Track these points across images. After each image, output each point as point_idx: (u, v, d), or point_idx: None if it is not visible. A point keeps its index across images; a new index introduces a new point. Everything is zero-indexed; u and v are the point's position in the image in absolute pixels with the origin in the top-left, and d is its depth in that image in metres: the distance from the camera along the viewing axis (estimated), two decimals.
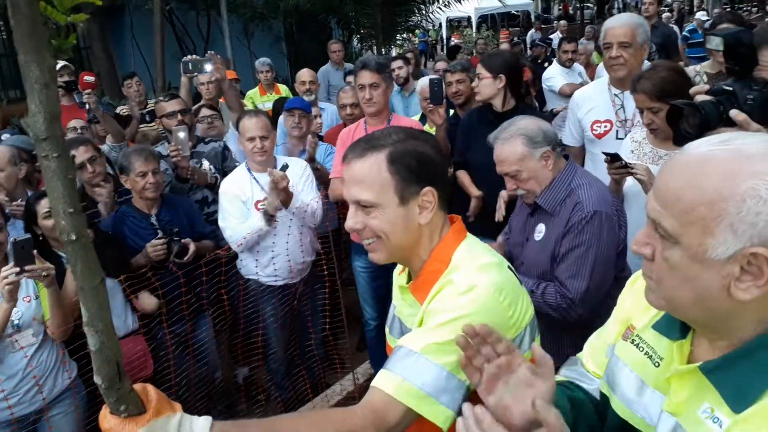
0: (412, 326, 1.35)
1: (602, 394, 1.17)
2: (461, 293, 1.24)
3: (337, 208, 3.65)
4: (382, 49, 9.91)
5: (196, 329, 3.18)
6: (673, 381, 0.98)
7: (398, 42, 11.78)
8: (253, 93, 6.11)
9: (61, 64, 5.25)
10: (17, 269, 2.26)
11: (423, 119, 4.02)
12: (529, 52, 10.77)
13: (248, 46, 11.24)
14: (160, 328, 3.04)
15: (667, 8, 16.16)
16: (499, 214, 2.65)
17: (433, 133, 3.48)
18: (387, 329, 1.55)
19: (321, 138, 4.21)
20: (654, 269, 0.94)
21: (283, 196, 2.98)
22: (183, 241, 3.01)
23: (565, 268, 2.10)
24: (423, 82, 4.02)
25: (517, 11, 20.98)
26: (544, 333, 1.57)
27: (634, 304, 1.16)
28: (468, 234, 1.41)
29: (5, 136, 4.37)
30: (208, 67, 3.89)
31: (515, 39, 12.98)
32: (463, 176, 3.35)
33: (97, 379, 0.95)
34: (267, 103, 5.77)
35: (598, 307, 2.06)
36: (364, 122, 3.31)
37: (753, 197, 0.81)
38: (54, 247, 2.72)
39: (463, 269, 1.30)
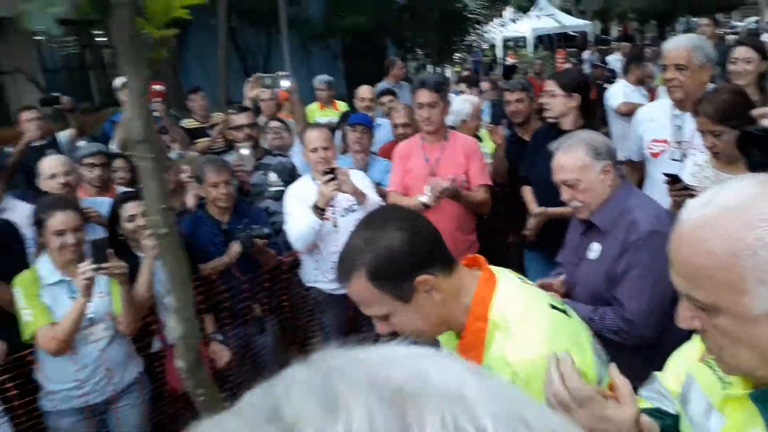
0: None
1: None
2: (526, 381, 1.21)
3: None
4: (436, 68, 10.02)
5: (257, 335, 3.29)
6: (728, 405, 0.99)
7: (455, 61, 11.89)
8: (312, 108, 6.29)
9: (120, 80, 5.57)
10: (94, 266, 2.43)
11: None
12: (587, 72, 10.64)
13: (307, 64, 11.57)
14: (223, 332, 3.16)
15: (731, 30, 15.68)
16: (530, 232, 2.62)
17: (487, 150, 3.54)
18: None
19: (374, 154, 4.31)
20: (710, 340, 0.93)
21: (350, 190, 3.06)
22: (255, 239, 3.11)
23: (623, 289, 2.07)
24: (466, 102, 4.08)
25: (575, 32, 20.76)
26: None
27: None
28: (498, 276, 1.36)
29: (82, 143, 4.66)
30: (285, 83, 4.08)
31: (572, 59, 12.86)
32: (527, 193, 3.37)
33: (179, 363, 1.03)
34: (324, 119, 5.93)
35: (658, 328, 2.04)
36: (420, 138, 3.37)
37: (762, 246, 0.82)
38: (133, 248, 2.89)
39: (514, 338, 1.26)
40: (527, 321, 1.28)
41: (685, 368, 1.20)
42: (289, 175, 3.82)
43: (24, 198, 3.26)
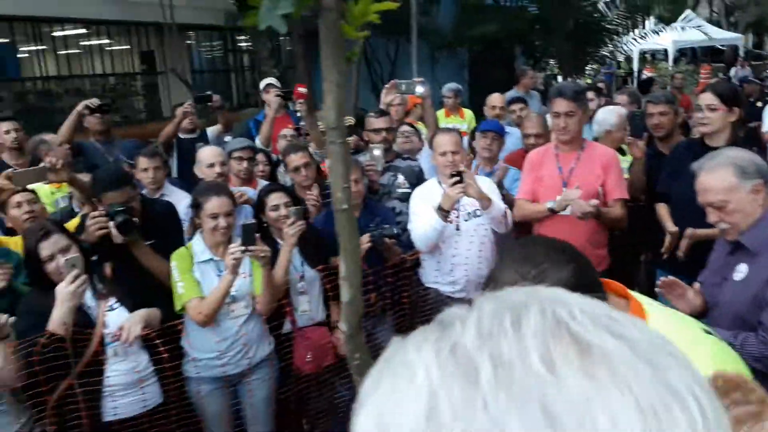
0: None
1: None
2: None
3: (515, 232, 3.69)
4: (568, 79, 9.76)
5: (376, 327, 3.41)
6: None
7: (586, 73, 11.51)
8: (438, 115, 6.38)
9: (267, 81, 5.97)
10: (243, 248, 2.65)
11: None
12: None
13: (432, 72, 11.73)
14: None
15: None
16: (681, 252, 2.50)
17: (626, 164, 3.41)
18: None
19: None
20: None
21: (475, 194, 3.09)
22: (385, 238, 3.26)
23: None
24: (612, 112, 3.95)
25: (723, 45, 19.27)
26: None
27: None
28: (645, 307, 1.30)
29: (227, 138, 5.07)
30: (419, 89, 4.20)
31: (720, 75, 11.98)
32: (662, 210, 3.22)
33: (342, 326, 1.14)
34: (450, 126, 6.00)
35: None
36: (554, 147, 3.33)
37: None
38: (274, 235, 3.12)
39: None
40: (687, 348, 1.23)
41: None
42: (417, 179, 3.92)
43: (178, 184, 3.64)
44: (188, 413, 2.87)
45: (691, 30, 14.56)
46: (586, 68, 11.62)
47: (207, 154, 3.57)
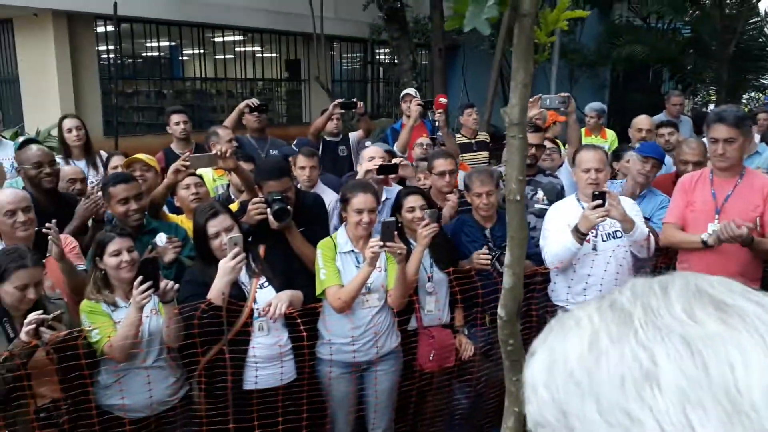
0: None
1: None
2: None
3: (658, 258, 3.54)
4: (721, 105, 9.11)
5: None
6: None
7: (743, 101, 10.65)
8: None
9: (407, 91, 6.16)
10: (381, 243, 2.80)
11: None
12: None
13: (570, 91, 11.44)
14: (470, 327, 3.37)
15: None
16: None
17: None
18: None
19: None
20: None
21: (619, 216, 3.02)
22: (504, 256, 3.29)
23: None
24: None
25: None
26: None
27: None
28: None
29: (367, 143, 5.32)
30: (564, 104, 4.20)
31: None
32: None
33: (500, 312, 1.21)
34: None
35: None
36: (710, 172, 3.16)
37: None
38: (407, 235, 3.25)
39: None
40: None
41: None
42: (557, 196, 3.88)
43: (326, 181, 3.90)
44: (316, 392, 3.05)
45: None
46: (744, 95, 10.75)
47: (370, 152, 3.82)
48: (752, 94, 11.24)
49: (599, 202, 2.98)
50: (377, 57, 16.31)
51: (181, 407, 2.84)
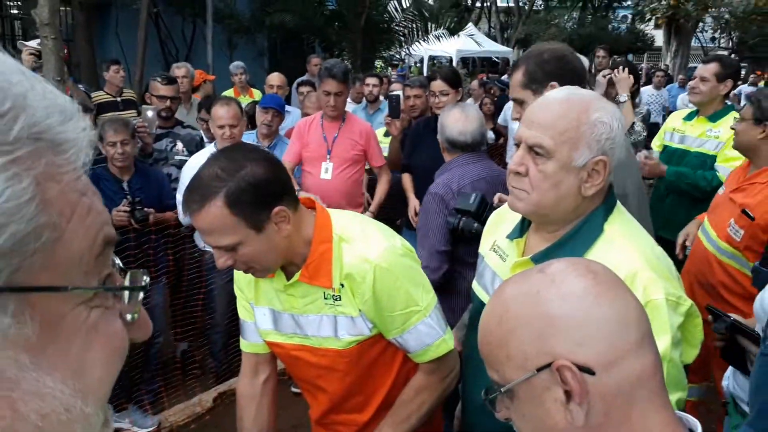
0: (318, 311, 1.46)
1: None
2: (388, 269, 1.41)
3: None
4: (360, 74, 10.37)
5: (151, 293, 3.36)
6: (513, 270, 1.31)
7: (376, 69, 12.25)
8: (228, 94, 6.39)
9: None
10: None
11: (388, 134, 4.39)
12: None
13: (230, 57, 11.56)
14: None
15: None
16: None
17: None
18: (269, 331, 1.58)
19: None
20: (528, 181, 1.27)
21: None
22: (146, 210, 3.21)
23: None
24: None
25: (497, 58, 21.83)
26: None
27: (496, 229, 1.52)
28: (330, 211, 1.50)
29: None
30: None
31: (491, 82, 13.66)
32: (406, 180, 3.69)
33: None
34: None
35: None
36: (320, 116, 3.63)
37: (600, 123, 1.22)
38: None
39: (365, 240, 1.43)
40: (368, 229, 1.49)
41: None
42: (196, 147, 3.93)
43: None
44: None
45: (470, 40, 16.33)
46: (375, 66, 12.40)
47: None
48: (380, 64, 13.09)
49: None
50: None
51: None
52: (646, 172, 3.25)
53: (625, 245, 1.25)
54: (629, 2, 24.78)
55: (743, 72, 15.98)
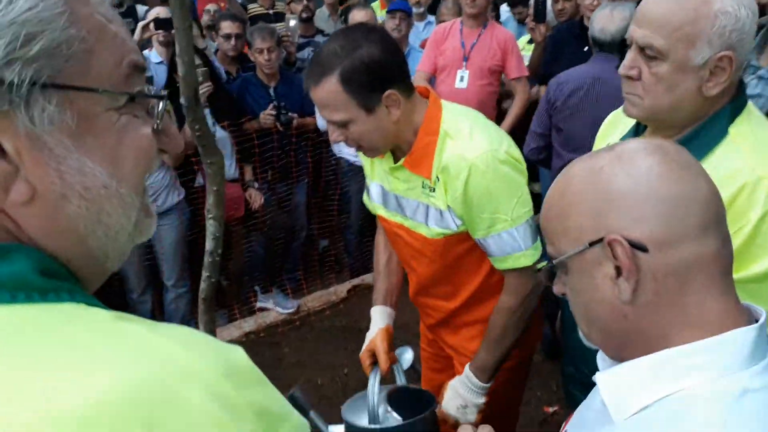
0: (416, 197, 1.51)
1: None
2: (483, 172, 1.40)
3: None
4: None
5: (294, 189, 3.67)
6: None
7: None
8: (375, 6, 6.34)
9: None
10: None
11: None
12: None
13: None
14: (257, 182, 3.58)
15: None
16: None
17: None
18: (378, 206, 1.67)
19: None
20: (642, 86, 1.16)
21: None
22: (290, 114, 3.45)
23: None
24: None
25: None
26: None
27: (612, 131, 1.47)
28: (443, 102, 1.49)
29: None
30: None
31: None
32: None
33: (183, 101, 1.34)
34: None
35: None
36: (459, 22, 3.51)
37: (723, 14, 1.07)
38: None
39: (469, 140, 1.41)
40: (476, 129, 1.45)
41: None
42: None
43: None
44: None
45: None
46: None
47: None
48: None
49: None
50: None
51: None
52: None
53: (752, 150, 1.13)
54: None
55: None
